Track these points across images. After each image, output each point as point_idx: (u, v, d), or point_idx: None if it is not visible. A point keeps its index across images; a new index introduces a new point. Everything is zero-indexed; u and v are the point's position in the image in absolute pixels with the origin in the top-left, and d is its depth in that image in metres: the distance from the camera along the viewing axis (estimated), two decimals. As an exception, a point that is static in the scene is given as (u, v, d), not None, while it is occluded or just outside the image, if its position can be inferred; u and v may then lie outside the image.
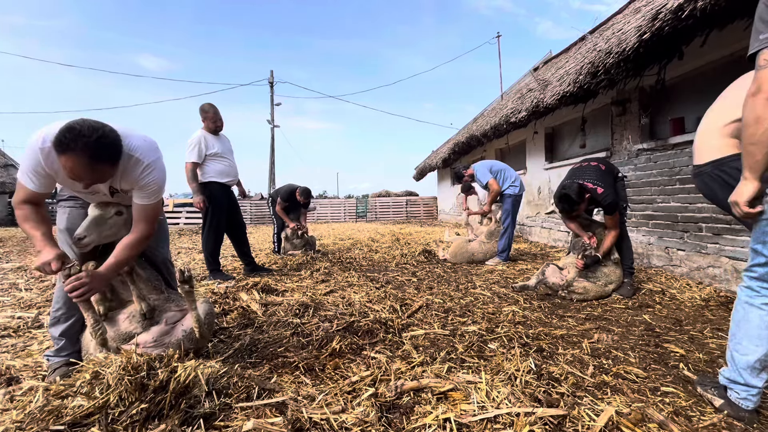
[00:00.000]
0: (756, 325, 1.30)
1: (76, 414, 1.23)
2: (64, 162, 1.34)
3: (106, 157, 1.39)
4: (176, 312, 1.79)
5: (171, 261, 2.10)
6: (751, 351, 1.30)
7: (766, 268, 1.28)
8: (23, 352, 2.00)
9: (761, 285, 1.31)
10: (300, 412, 1.31)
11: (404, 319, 2.43)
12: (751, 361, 1.30)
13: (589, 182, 2.99)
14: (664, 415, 1.33)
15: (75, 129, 1.31)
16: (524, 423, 1.24)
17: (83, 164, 1.33)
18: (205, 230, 3.85)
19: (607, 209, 2.99)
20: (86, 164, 1.34)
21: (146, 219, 1.65)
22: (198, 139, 3.70)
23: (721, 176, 1.73)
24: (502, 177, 4.71)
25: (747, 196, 1.30)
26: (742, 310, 1.35)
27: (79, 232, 1.57)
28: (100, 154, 1.36)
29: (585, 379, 1.61)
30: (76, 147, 1.30)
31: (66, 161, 1.33)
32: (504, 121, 7.02)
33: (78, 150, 1.31)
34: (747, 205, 1.32)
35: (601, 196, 2.92)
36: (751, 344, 1.30)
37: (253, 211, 16.96)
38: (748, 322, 1.32)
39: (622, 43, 3.69)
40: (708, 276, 3.46)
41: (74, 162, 1.32)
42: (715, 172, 1.75)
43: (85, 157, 1.32)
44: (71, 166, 1.33)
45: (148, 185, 1.59)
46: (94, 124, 1.36)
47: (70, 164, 1.33)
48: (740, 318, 1.35)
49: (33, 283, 3.71)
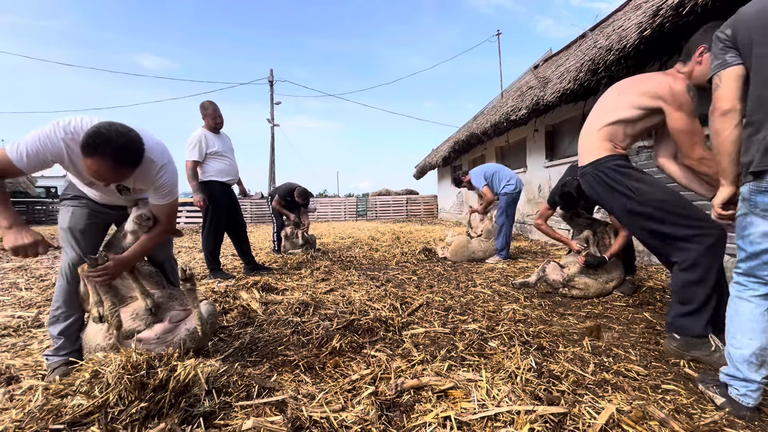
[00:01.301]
0: (747, 318, 1.32)
1: (76, 413, 1.23)
2: (89, 164, 1.39)
3: (131, 161, 1.46)
4: (180, 311, 1.80)
5: (174, 259, 2.11)
6: (745, 344, 1.32)
7: (749, 263, 1.33)
8: (23, 352, 2.00)
9: (747, 279, 1.34)
10: (300, 410, 1.31)
11: (404, 318, 2.42)
12: (746, 355, 1.32)
13: None
14: (665, 412, 1.32)
15: (103, 134, 1.36)
16: (525, 421, 1.24)
17: (108, 167, 1.40)
18: (205, 229, 3.85)
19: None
20: (111, 167, 1.40)
21: (165, 215, 1.76)
22: (198, 137, 3.70)
23: (599, 176, 1.90)
24: (497, 179, 4.71)
25: (720, 200, 1.43)
26: (733, 305, 1.39)
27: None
28: (126, 158, 1.43)
29: (586, 376, 1.61)
30: (104, 151, 1.36)
31: (92, 163, 1.38)
32: (504, 119, 7.01)
33: (106, 154, 1.37)
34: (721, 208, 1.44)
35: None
36: (745, 337, 1.32)
37: (253, 210, 16.96)
38: (739, 315, 1.35)
39: (623, 40, 3.68)
40: (709, 273, 3.45)
41: (100, 164, 1.38)
42: (595, 172, 1.92)
43: (111, 161, 1.39)
44: (96, 168, 1.39)
45: (163, 186, 1.68)
46: (120, 129, 1.41)
47: (96, 166, 1.39)
48: (732, 313, 1.39)
49: (33, 283, 3.71)
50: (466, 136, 9.95)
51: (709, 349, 1.71)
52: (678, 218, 1.73)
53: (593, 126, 1.97)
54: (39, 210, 15.40)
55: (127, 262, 1.70)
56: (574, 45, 6.82)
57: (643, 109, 1.83)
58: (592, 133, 1.97)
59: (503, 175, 4.73)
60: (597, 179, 1.93)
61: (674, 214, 1.74)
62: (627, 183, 1.84)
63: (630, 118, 1.87)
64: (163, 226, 1.78)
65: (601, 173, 1.90)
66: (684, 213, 1.75)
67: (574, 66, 4.94)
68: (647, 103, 1.81)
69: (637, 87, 1.87)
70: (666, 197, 1.78)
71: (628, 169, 1.88)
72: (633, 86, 1.90)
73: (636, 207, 1.82)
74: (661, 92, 1.77)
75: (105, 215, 1.85)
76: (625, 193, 1.83)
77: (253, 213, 16.88)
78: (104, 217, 1.85)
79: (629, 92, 1.89)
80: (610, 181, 1.87)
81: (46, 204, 15.68)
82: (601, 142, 1.92)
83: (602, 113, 1.96)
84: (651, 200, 1.77)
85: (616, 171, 1.86)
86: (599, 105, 2.02)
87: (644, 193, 1.79)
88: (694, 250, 1.70)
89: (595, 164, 1.92)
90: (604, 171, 1.89)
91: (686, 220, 1.73)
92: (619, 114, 1.89)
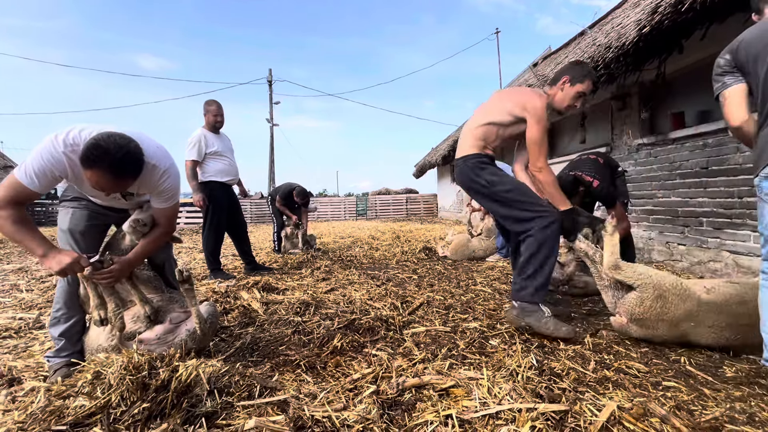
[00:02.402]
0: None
1: (78, 414, 1.23)
2: (89, 176, 1.40)
3: (131, 172, 1.47)
4: (180, 313, 1.80)
5: (174, 260, 2.12)
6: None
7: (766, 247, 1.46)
8: (25, 353, 2.01)
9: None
10: (302, 410, 1.31)
11: (405, 317, 2.43)
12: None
13: (587, 174, 2.95)
14: (666, 409, 1.33)
15: (101, 146, 1.36)
16: (526, 418, 1.24)
17: (108, 179, 1.40)
18: (205, 230, 3.85)
19: (605, 202, 2.99)
20: (111, 179, 1.41)
21: (166, 217, 1.78)
22: (198, 137, 3.70)
23: (465, 168, 2.26)
24: None
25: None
26: (761, 294, 1.50)
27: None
28: (125, 170, 1.44)
29: (586, 374, 1.61)
30: (103, 164, 1.37)
31: (92, 175, 1.39)
32: (503, 117, 7.00)
33: (105, 167, 1.37)
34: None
35: (597, 190, 2.90)
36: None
37: (253, 210, 16.95)
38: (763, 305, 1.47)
39: (622, 38, 3.67)
40: (709, 270, 3.45)
41: (99, 176, 1.39)
42: (463, 165, 2.27)
43: (110, 173, 1.39)
44: (96, 179, 1.40)
45: (166, 191, 1.69)
46: (119, 140, 1.41)
47: (96, 178, 1.39)
48: (762, 302, 1.50)
49: (34, 284, 3.71)
50: (465, 134, 9.93)
51: (540, 317, 1.98)
52: (521, 204, 2.09)
53: (472, 125, 2.28)
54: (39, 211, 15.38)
55: (131, 264, 1.71)
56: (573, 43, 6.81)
57: (513, 116, 2.17)
58: (467, 133, 2.29)
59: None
60: (463, 171, 2.27)
61: (518, 201, 2.10)
62: (484, 176, 2.19)
63: (502, 122, 2.20)
64: (163, 228, 1.78)
65: (467, 167, 2.24)
66: (526, 200, 2.09)
67: (573, 64, 4.93)
68: (517, 112, 2.15)
69: (514, 96, 2.22)
70: (512, 188, 2.14)
71: (487, 166, 2.23)
72: (511, 95, 2.26)
73: (487, 193, 2.20)
74: (529, 105, 2.11)
75: (105, 217, 1.85)
76: (482, 183, 2.19)
77: (253, 213, 16.87)
78: (104, 219, 1.85)
79: (507, 100, 2.22)
80: (472, 173, 2.23)
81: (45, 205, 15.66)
82: (475, 141, 2.25)
83: (481, 115, 2.27)
84: (500, 190, 2.14)
85: (478, 166, 2.21)
86: (482, 107, 2.33)
87: (495, 184, 2.16)
88: (533, 227, 2.04)
89: (465, 158, 2.26)
90: (470, 165, 2.23)
91: (527, 205, 2.08)
92: (494, 117, 2.21)
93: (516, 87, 2.28)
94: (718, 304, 1.73)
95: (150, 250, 1.78)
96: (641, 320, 1.80)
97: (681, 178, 3.76)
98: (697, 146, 3.53)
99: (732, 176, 3.20)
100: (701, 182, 3.52)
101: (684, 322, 1.74)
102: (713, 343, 1.78)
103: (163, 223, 1.78)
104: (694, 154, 3.58)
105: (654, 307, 1.76)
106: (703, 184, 3.49)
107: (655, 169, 4.10)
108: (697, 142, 3.54)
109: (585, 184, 2.91)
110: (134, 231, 1.74)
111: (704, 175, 3.48)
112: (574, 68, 2.19)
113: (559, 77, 2.21)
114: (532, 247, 2.03)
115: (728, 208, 3.25)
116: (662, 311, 1.75)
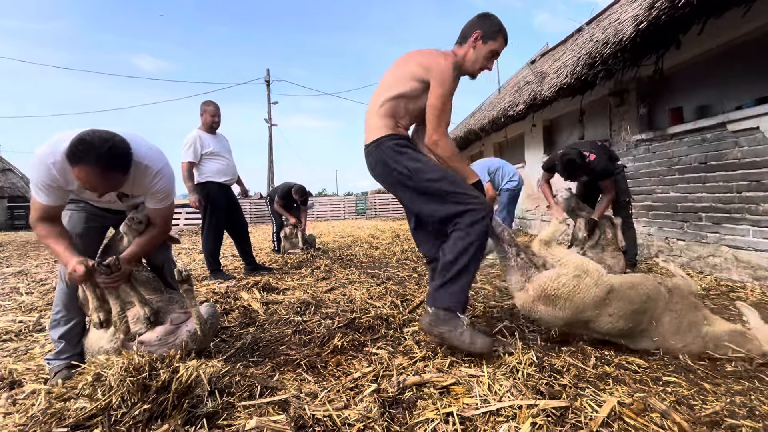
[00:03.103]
0: None
1: (79, 416, 1.23)
2: (77, 173, 1.39)
3: (118, 166, 1.44)
4: (181, 314, 1.80)
5: (174, 260, 2.11)
6: None
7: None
8: (25, 356, 2.01)
9: None
10: (303, 409, 1.31)
11: (405, 315, 2.43)
12: None
13: (584, 150, 3.17)
14: (666, 404, 1.33)
15: (86, 141, 1.35)
16: (527, 415, 1.24)
17: (96, 174, 1.38)
18: (204, 230, 3.85)
19: (601, 174, 3.20)
20: (99, 174, 1.39)
21: (162, 218, 1.77)
22: (193, 138, 3.69)
23: (380, 153, 1.84)
24: (500, 175, 4.71)
25: None
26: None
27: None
28: (112, 163, 1.41)
29: (587, 370, 1.61)
30: (89, 158, 1.35)
31: (79, 172, 1.38)
32: (502, 114, 7.00)
33: (91, 161, 1.36)
34: None
35: (594, 162, 3.12)
36: None
37: (252, 211, 16.94)
38: None
39: (619, 33, 3.67)
40: (708, 265, 3.46)
41: (87, 172, 1.37)
42: (377, 151, 1.85)
43: (98, 168, 1.37)
44: (84, 176, 1.38)
45: (159, 192, 1.68)
46: (104, 134, 1.40)
47: (83, 175, 1.38)
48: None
49: (33, 287, 3.71)
50: (464, 132, 9.94)
51: (456, 325, 1.67)
52: (453, 195, 1.75)
53: (375, 105, 1.89)
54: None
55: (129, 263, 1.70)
56: (570, 39, 6.80)
57: (419, 80, 1.79)
58: (373, 113, 1.89)
59: (506, 171, 4.72)
60: (377, 158, 1.86)
61: (450, 193, 1.75)
62: (404, 162, 1.80)
63: (409, 93, 1.82)
64: (159, 228, 1.77)
65: (382, 151, 1.84)
66: (458, 190, 1.75)
67: (570, 60, 4.94)
68: (421, 74, 1.78)
69: (417, 57, 1.84)
70: (441, 176, 1.77)
71: (406, 149, 1.83)
72: (414, 56, 1.86)
73: (411, 184, 1.81)
74: (432, 65, 1.75)
75: (103, 219, 1.85)
76: (403, 172, 1.80)
77: (252, 213, 16.86)
78: (102, 221, 1.85)
79: (410, 62, 1.84)
80: (390, 160, 1.82)
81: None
82: (382, 120, 1.85)
83: (386, 87, 1.88)
84: (427, 179, 1.76)
85: (395, 150, 1.81)
86: (384, 78, 1.93)
87: (420, 171, 1.78)
88: (462, 223, 1.72)
89: (378, 142, 1.85)
90: (385, 149, 1.83)
91: (459, 197, 1.74)
92: (399, 88, 1.82)
93: (419, 50, 1.89)
94: (621, 292, 1.71)
95: (146, 249, 1.77)
96: (551, 297, 1.72)
97: (680, 173, 3.76)
98: (696, 141, 3.53)
99: (730, 171, 3.21)
100: (700, 177, 3.52)
101: (591, 309, 1.70)
102: (606, 332, 1.76)
103: (158, 224, 1.77)
104: (693, 149, 3.58)
105: (568, 285, 1.69)
106: (702, 179, 3.50)
107: (654, 164, 4.10)
108: (695, 137, 3.54)
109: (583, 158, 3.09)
110: (130, 229, 1.74)
111: (703, 170, 3.48)
112: (484, 22, 1.85)
113: (469, 33, 1.85)
114: (460, 244, 1.72)
115: (727, 203, 3.25)
116: (574, 291, 1.69)
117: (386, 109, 1.84)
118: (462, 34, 1.88)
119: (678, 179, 3.79)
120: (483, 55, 1.85)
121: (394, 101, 1.83)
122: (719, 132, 3.29)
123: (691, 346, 1.72)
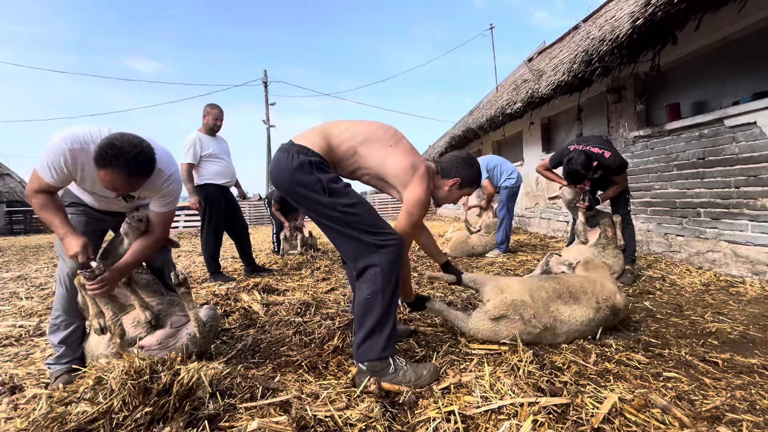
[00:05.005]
0: None
1: (81, 420, 1.23)
2: (103, 175, 1.41)
3: (144, 171, 1.48)
4: (181, 316, 1.80)
5: (173, 263, 2.11)
6: None
7: None
8: (26, 361, 2.00)
9: None
10: (304, 410, 1.31)
11: (406, 314, 2.43)
12: None
13: (594, 147, 3.02)
14: (667, 400, 1.33)
15: (116, 146, 1.38)
16: (528, 413, 1.25)
17: (122, 178, 1.42)
18: (203, 233, 3.85)
19: (617, 171, 3.05)
20: (125, 178, 1.43)
21: (162, 223, 1.76)
22: (193, 140, 3.69)
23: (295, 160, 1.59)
24: (498, 171, 4.72)
25: None
26: None
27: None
28: (139, 169, 1.45)
29: (587, 367, 1.62)
30: (118, 163, 1.38)
31: (106, 175, 1.41)
32: (500, 112, 7.00)
33: (119, 166, 1.38)
34: None
35: (609, 160, 2.97)
36: None
37: (251, 213, 16.93)
38: None
39: (616, 30, 3.67)
40: (707, 261, 3.47)
41: (114, 176, 1.41)
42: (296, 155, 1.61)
43: (125, 172, 1.41)
44: (110, 179, 1.42)
45: (168, 194, 1.70)
46: (132, 140, 1.43)
47: (110, 177, 1.41)
48: None
49: (33, 292, 3.71)
50: (462, 131, 9.93)
51: (395, 369, 1.53)
52: (370, 226, 1.58)
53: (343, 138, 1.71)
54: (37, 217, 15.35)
55: (122, 272, 1.66)
56: (567, 37, 6.80)
57: (387, 181, 1.72)
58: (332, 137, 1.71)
59: (505, 168, 4.73)
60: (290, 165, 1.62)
61: (367, 223, 1.58)
62: (324, 179, 1.59)
63: (374, 173, 1.73)
64: (157, 234, 1.76)
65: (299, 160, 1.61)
66: (375, 221, 1.60)
67: (567, 58, 4.94)
68: (394, 182, 1.70)
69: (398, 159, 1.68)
70: (358, 201, 1.61)
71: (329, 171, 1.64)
72: (396, 152, 1.71)
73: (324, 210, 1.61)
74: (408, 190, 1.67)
75: (102, 222, 1.84)
76: (317, 188, 1.59)
77: (251, 215, 16.85)
78: (101, 224, 1.85)
79: (389, 156, 1.69)
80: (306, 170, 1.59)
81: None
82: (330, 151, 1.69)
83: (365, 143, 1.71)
84: (343, 204, 1.58)
85: (315, 165, 1.60)
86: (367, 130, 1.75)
87: (336, 193, 1.59)
88: (380, 260, 1.55)
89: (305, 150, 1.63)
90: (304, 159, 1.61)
91: (377, 228, 1.58)
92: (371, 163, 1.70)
93: (405, 148, 1.74)
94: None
95: (142, 256, 1.75)
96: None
97: (678, 169, 3.77)
98: (693, 137, 3.54)
99: (728, 166, 3.21)
100: (698, 173, 3.52)
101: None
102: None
103: (157, 230, 1.76)
104: (691, 145, 3.58)
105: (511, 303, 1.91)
106: (700, 175, 3.50)
107: (652, 161, 4.11)
108: (693, 132, 3.55)
109: (596, 156, 2.96)
110: (131, 228, 1.73)
111: (701, 166, 3.49)
112: (468, 171, 1.85)
113: (451, 173, 1.84)
114: (378, 283, 1.54)
115: (725, 198, 3.26)
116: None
117: (344, 152, 1.70)
118: (443, 171, 1.86)
119: (676, 175, 3.79)
120: (455, 197, 1.92)
121: (357, 158, 1.70)
122: (716, 127, 3.30)
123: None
